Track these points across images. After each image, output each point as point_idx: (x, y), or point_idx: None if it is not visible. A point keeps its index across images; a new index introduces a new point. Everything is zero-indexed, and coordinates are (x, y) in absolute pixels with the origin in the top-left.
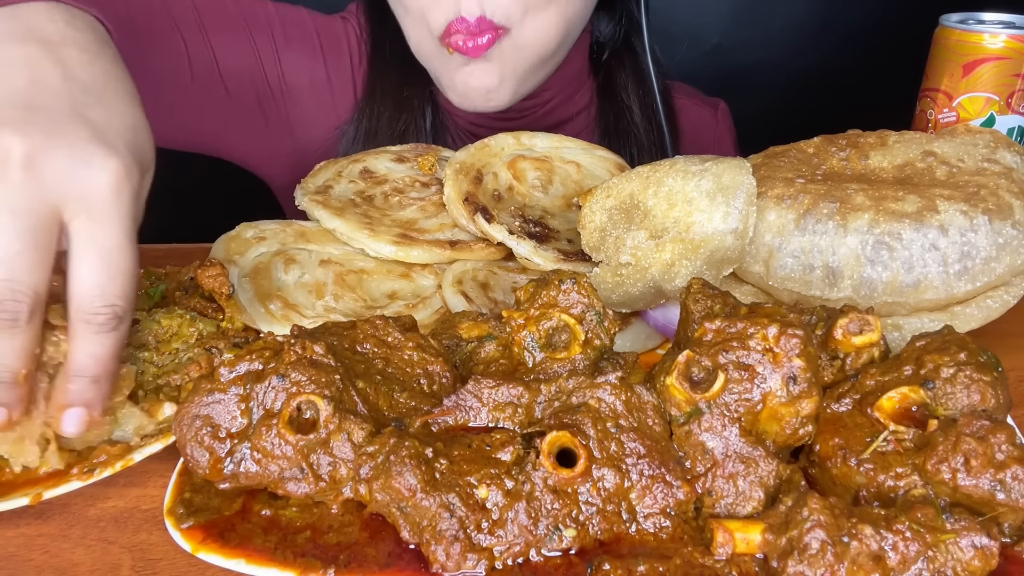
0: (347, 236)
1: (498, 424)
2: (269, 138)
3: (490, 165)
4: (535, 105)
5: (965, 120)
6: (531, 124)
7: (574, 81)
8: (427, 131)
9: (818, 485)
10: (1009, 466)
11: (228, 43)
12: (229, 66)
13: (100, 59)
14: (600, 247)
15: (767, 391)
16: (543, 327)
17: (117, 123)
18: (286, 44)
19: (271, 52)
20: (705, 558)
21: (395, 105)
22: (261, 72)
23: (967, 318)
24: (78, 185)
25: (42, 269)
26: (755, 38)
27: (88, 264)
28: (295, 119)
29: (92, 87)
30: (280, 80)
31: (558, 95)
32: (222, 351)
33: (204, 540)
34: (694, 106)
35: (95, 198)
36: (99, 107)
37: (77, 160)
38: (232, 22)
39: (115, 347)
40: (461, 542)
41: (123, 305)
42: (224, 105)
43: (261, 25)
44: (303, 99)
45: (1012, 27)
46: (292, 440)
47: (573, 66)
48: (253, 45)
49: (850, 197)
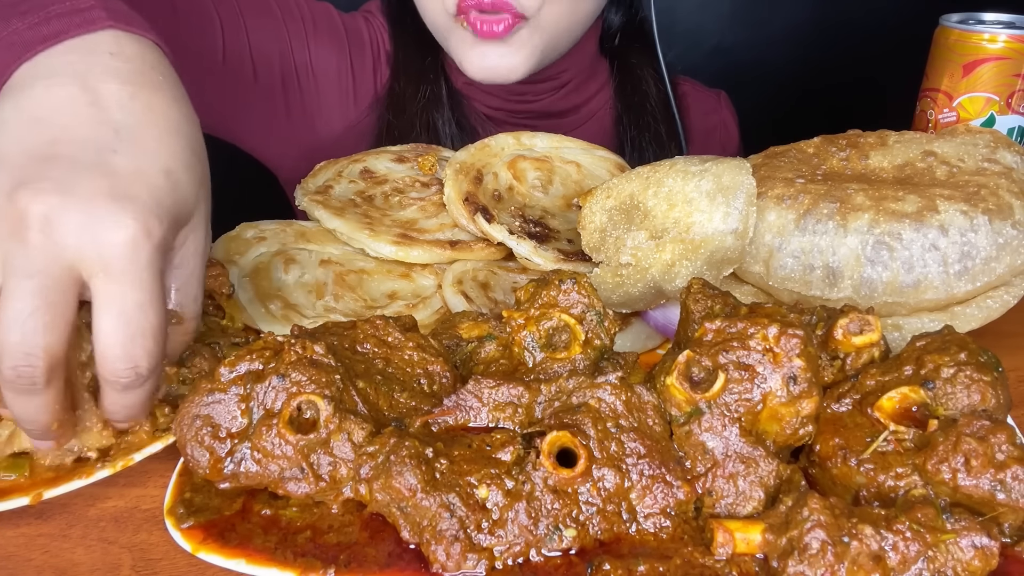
0: (347, 236)
1: (498, 424)
2: (288, 127)
3: (490, 165)
4: (551, 88)
5: (965, 120)
6: (548, 107)
7: (590, 64)
8: (446, 104)
9: (818, 485)
10: (1009, 466)
11: (262, 26)
12: (261, 50)
13: (144, 91)
14: (600, 247)
15: (767, 391)
16: (543, 327)
17: (147, 166)
18: (315, 33)
19: (301, 40)
20: (705, 558)
21: (417, 77)
22: (291, 59)
23: (967, 318)
24: (93, 244)
25: (56, 329)
26: (755, 38)
27: (109, 325)
28: (315, 110)
29: (127, 126)
30: (308, 68)
31: (575, 77)
32: (223, 347)
33: (204, 540)
34: (698, 92)
35: (111, 257)
36: (130, 150)
37: (92, 218)
38: (266, 6)
39: (144, 397)
40: (461, 542)
41: (146, 365)
42: (250, 89)
43: (293, 12)
44: (326, 90)
45: (1012, 27)
46: (292, 440)
47: (588, 49)
48: (286, 31)
49: (850, 197)
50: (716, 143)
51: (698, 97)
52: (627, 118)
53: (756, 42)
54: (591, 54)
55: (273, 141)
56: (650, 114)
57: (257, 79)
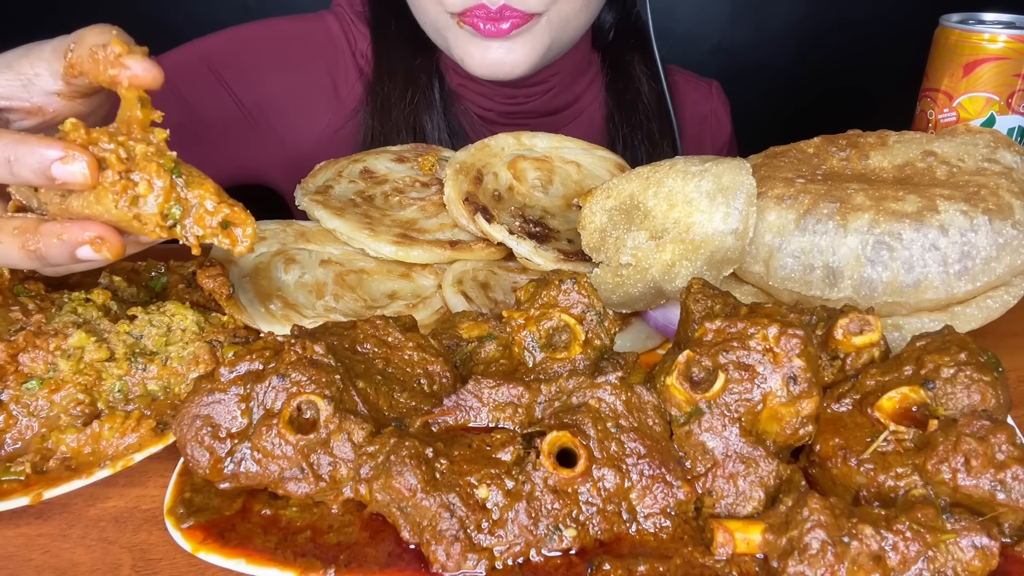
0: (347, 236)
1: (498, 424)
2: (260, 151)
3: (490, 165)
4: (541, 90)
5: (965, 120)
6: (540, 107)
7: (580, 64)
8: (437, 105)
9: (818, 485)
10: (1009, 466)
11: (199, 94)
12: (207, 116)
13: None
14: (600, 248)
15: (767, 391)
16: (543, 327)
17: None
18: (253, 66)
19: (239, 79)
20: (705, 558)
21: (405, 79)
22: (234, 102)
23: (967, 318)
24: None
25: None
26: (755, 38)
27: None
28: (280, 129)
29: None
30: (254, 101)
31: (565, 78)
32: (223, 344)
33: (204, 540)
34: (689, 82)
35: None
36: None
37: None
38: (195, 71)
39: None
40: (461, 542)
41: None
42: (216, 144)
43: (220, 58)
44: (282, 110)
45: (1012, 27)
46: (292, 440)
47: (581, 48)
48: (220, 79)
49: (850, 197)
50: (707, 134)
51: (689, 87)
52: (619, 116)
53: (756, 42)
54: (584, 52)
55: (252, 165)
56: (642, 112)
57: (217, 135)
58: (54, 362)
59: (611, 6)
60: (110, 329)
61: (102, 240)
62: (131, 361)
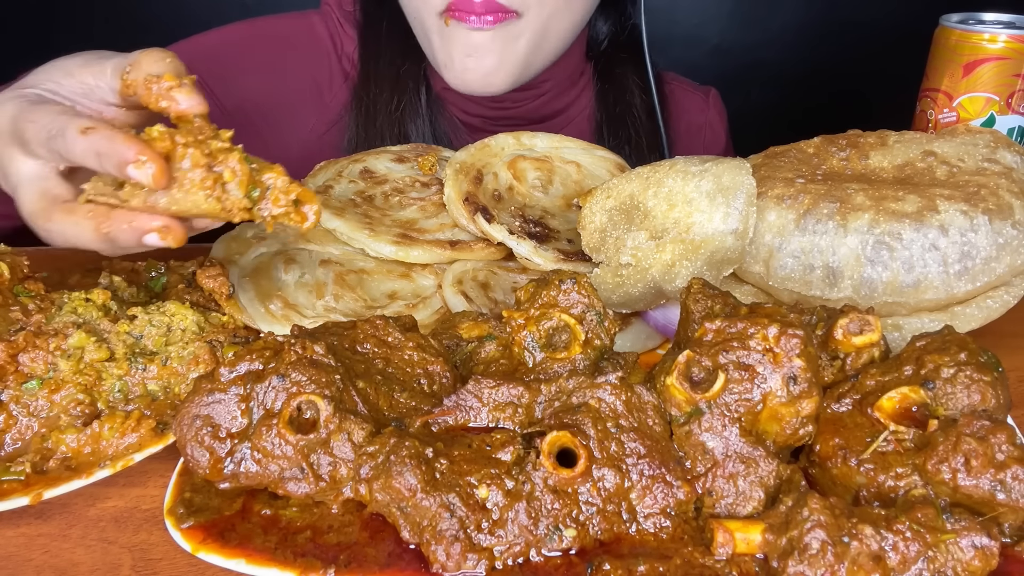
0: (347, 236)
1: (498, 424)
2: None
3: (490, 165)
4: (531, 96)
5: (965, 120)
6: (527, 114)
7: (572, 73)
8: (423, 112)
9: (818, 485)
10: (1009, 466)
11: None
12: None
13: None
14: (600, 248)
15: (767, 391)
16: (543, 327)
17: None
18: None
19: (220, 82)
20: (705, 558)
21: (392, 84)
22: (216, 105)
23: (967, 318)
24: None
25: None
26: (755, 38)
27: None
28: (266, 133)
29: None
30: (236, 105)
31: (555, 87)
32: (223, 344)
33: (204, 540)
34: (685, 91)
35: None
36: None
37: None
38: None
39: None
40: (461, 542)
41: None
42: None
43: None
44: (265, 113)
45: (1012, 27)
46: (292, 440)
47: (572, 59)
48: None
49: (850, 197)
50: (700, 145)
51: (685, 96)
52: (607, 127)
53: (756, 42)
54: (576, 61)
55: None
56: (632, 126)
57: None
58: (54, 362)
59: (607, 17)
60: (110, 329)
61: (167, 229)
62: (131, 361)
